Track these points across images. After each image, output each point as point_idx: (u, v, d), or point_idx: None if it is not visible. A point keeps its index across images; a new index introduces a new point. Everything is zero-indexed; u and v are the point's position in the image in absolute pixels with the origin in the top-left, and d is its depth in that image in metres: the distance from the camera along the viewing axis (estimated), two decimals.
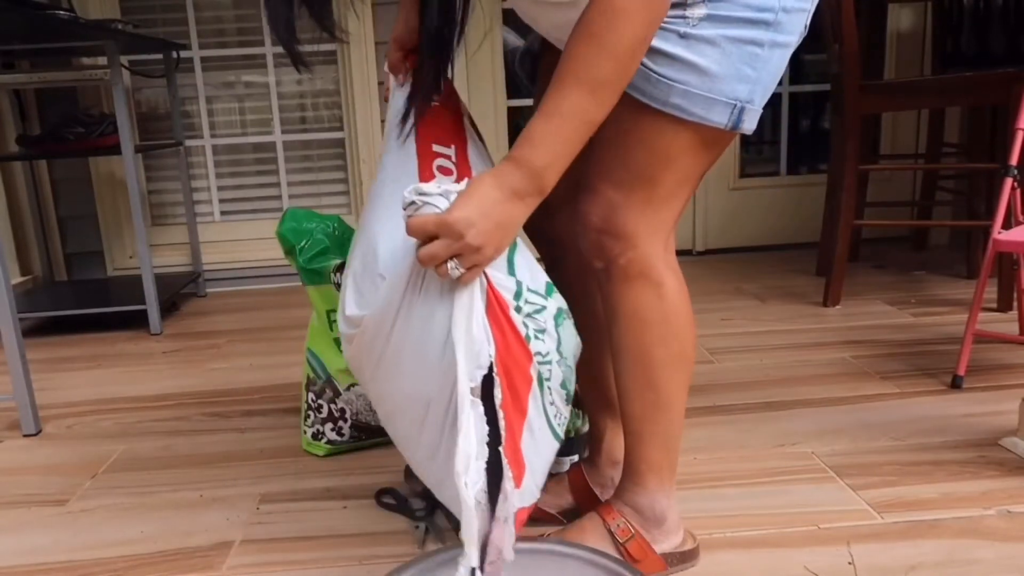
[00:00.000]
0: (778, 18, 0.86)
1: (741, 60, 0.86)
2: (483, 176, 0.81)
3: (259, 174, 2.99)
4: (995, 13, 2.54)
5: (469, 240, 0.76)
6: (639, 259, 0.94)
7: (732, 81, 0.86)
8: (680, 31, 0.85)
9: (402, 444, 0.95)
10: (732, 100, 0.87)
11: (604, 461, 1.18)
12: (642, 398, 0.99)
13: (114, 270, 2.89)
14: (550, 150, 0.80)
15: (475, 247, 0.77)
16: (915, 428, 1.45)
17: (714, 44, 0.85)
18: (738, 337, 2.02)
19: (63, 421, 1.70)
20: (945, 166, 2.67)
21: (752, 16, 0.85)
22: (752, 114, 0.89)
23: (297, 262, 1.41)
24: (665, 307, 0.96)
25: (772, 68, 0.88)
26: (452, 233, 0.76)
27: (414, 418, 0.88)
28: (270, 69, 2.89)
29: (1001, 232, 1.54)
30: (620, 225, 0.92)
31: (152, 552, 1.17)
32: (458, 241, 0.77)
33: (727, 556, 1.08)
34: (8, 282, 1.53)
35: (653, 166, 0.91)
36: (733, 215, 3.00)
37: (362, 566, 1.11)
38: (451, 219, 0.76)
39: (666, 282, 0.95)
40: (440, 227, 0.77)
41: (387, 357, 0.88)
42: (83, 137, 2.36)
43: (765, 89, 0.89)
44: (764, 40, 0.86)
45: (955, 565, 1.04)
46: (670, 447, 1.02)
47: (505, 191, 0.80)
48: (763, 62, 0.87)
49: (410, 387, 0.87)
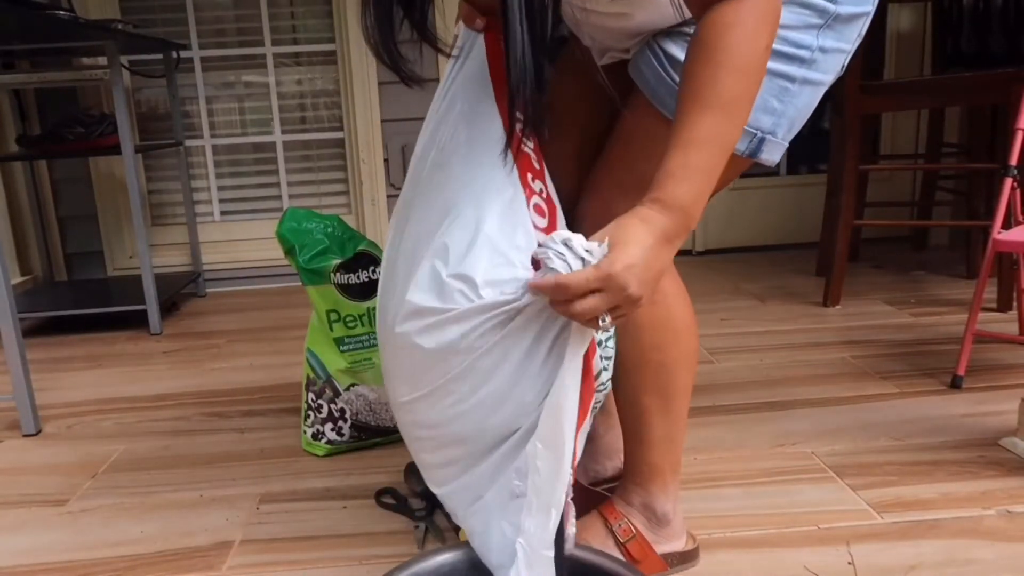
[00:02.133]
0: (814, 56, 0.86)
1: (769, 92, 0.86)
2: (631, 223, 0.74)
3: (259, 174, 2.99)
4: (995, 13, 2.54)
5: (631, 292, 0.72)
6: None
7: (757, 111, 0.85)
8: None
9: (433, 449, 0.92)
10: (754, 129, 0.87)
11: (602, 455, 1.18)
12: (642, 402, 0.99)
13: (114, 270, 2.89)
14: (694, 183, 0.75)
15: (635, 299, 0.73)
16: (915, 428, 1.45)
17: None
18: (738, 337, 2.02)
19: (63, 421, 1.70)
20: (945, 166, 2.67)
21: (788, 51, 0.85)
22: (773, 146, 0.88)
23: (297, 262, 1.41)
24: (662, 312, 0.95)
25: (800, 104, 0.88)
26: (616, 287, 0.71)
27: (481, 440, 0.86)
28: (270, 69, 2.89)
29: (1001, 232, 1.54)
30: None
31: (152, 552, 1.17)
32: (620, 295, 0.71)
33: (727, 556, 1.08)
34: (8, 282, 1.53)
35: None
36: (733, 215, 3.00)
37: (362, 566, 1.11)
38: (616, 272, 0.71)
39: (663, 287, 0.95)
40: (605, 282, 0.71)
41: (464, 379, 0.83)
42: (83, 137, 2.36)
43: (791, 123, 0.89)
44: (796, 76, 0.86)
45: (955, 565, 1.04)
46: (672, 450, 1.01)
47: (658, 236, 0.74)
48: (792, 96, 0.87)
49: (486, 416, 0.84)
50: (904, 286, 2.42)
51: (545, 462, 0.79)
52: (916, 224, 2.89)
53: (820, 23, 0.86)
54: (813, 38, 0.85)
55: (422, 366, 0.85)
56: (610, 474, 1.19)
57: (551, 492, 0.79)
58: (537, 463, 0.79)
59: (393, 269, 0.91)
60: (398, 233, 0.94)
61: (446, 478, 0.91)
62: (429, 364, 0.84)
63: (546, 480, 0.79)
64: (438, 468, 0.91)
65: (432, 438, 0.90)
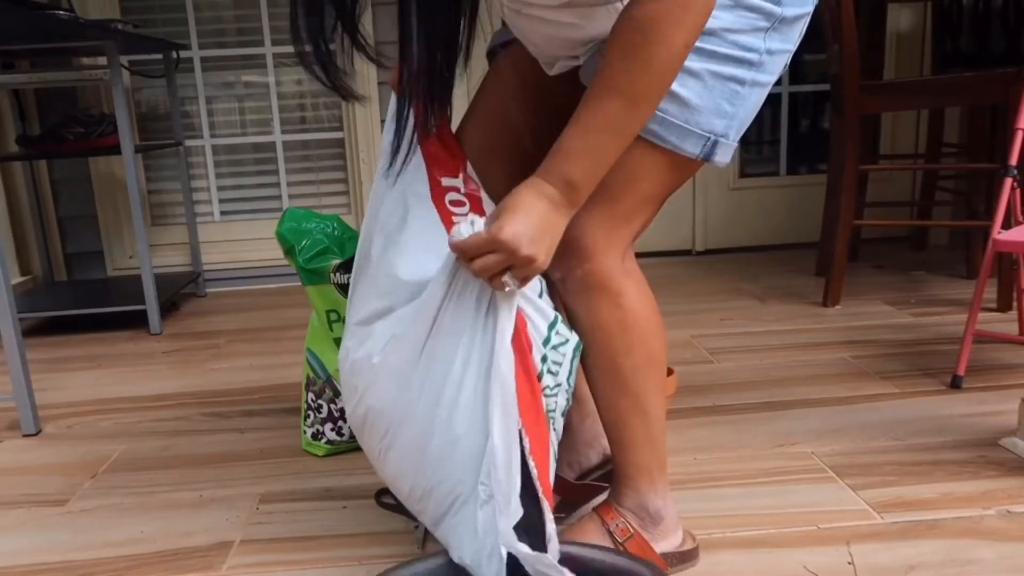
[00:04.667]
0: (762, 59, 0.88)
1: (722, 96, 0.87)
2: (521, 190, 0.81)
3: (259, 174, 2.99)
4: (995, 13, 2.54)
5: (522, 253, 0.77)
6: (596, 271, 0.93)
7: (710, 115, 0.88)
8: None
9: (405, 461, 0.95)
10: (707, 133, 0.88)
11: (581, 444, 1.19)
12: (618, 406, 0.99)
13: (114, 270, 2.89)
14: (587, 165, 0.81)
15: (528, 258, 0.78)
16: (915, 428, 1.45)
17: (698, 77, 0.86)
18: (738, 337, 2.02)
19: (63, 421, 1.70)
20: (945, 166, 2.67)
21: (738, 54, 0.87)
22: (725, 148, 0.90)
23: (297, 262, 1.41)
24: (625, 315, 0.95)
25: (749, 105, 0.90)
26: (506, 249, 0.77)
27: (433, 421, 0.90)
28: (270, 69, 2.89)
29: (1001, 232, 1.54)
30: (577, 238, 0.92)
31: (152, 552, 1.17)
32: (512, 255, 0.77)
33: (727, 556, 1.08)
34: (8, 282, 1.53)
35: (618, 184, 0.90)
36: (733, 215, 3.00)
37: (362, 566, 1.11)
38: (503, 236, 0.77)
39: (625, 291, 0.95)
40: (493, 244, 0.77)
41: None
42: (83, 137, 2.36)
43: (740, 125, 0.91)
44: (746, 79, 0.88)
45: (955, 565, 1.04)
46: (655, 448, 1.02)
47: (547, 205, 0.80)
48: (742, 99, 0.89)
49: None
50: (904, 286, 2.42)
51: (499, 455, 0.82)
52: (916, 224, 2.89)
53: (767, 26, 0.87)
54: (761, 41, 0.87)
55: (383, 383, 0.92)
56: (595, 462, 1.19)
57: (509, 485, 0.82)
58: (495, 459, 0.82)
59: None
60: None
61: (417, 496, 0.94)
62: (385, 379, 0.92)
63: (503, 471, 0.82)
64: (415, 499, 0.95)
65: (410, 475, 0.94)
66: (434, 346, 0.88)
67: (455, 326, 0.86)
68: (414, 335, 0.88)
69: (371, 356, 0.93)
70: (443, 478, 0.89)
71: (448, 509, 0.90)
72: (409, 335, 0.89)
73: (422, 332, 0.88)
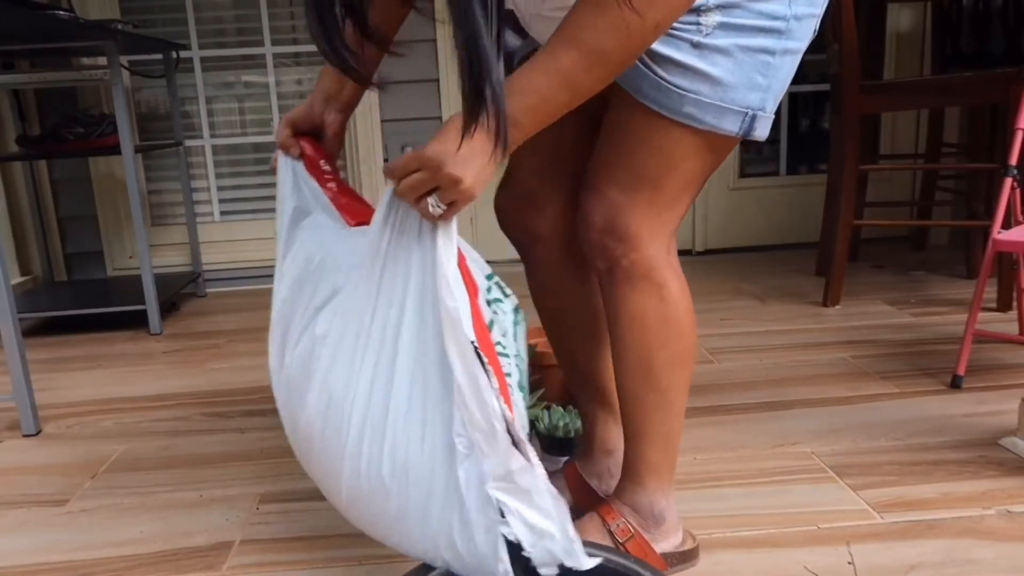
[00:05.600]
0: (789, 26, 0.86)
1: (753, 68, 0.86)
2: (458, 116, 0.76)
3: (259, 174, 2.99)
4: (994, 13, 2.54)
5: (448, 171, 0.74)
6: (642, 261, 0.94)
7: (744, 90, 0.86)
8: (693, 40, 0.85)
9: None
10: (744, 108, 0.87)
11: (598, 451, 1.18)
12: (644, 399, 0.99)
13: (114, 270, 2.89)
14: (531, 104, 0.76)
15: (455, 178, 0.74)
16: (915, 428, 1.45)
17: (727, 54, 0.85)
18: (738, 337, 2.02)
19: (63, 421, 1.70)
20: (945, 166, 2.67)
21: (765, 24, 0.85)
22: (764, 120, 0.89)
23: None
24: (667, 309, 0.96)
25: (783, 75, 0.89)
26: (432, 166, 0.74)
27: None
28: (270, 69, 2.89)
29: (1001, 232, 1.54)
30: (623, 227, 0.92)
31: (152, 552, 1.17)
32: (437, 173, 0.74)
33: (727, 556, 1.08)
34: (8, 282, 1.53)
35: (658, 169, 0.91)
36: (733, 215, 3.00)
37: (362, 566, 1.11)
38: (428, 152, 0.74)
39: (669, 284, 0.95)
40: (419, 160, 0.75)
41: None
42: (83, 137, 2.36)
43: (776, 96, 0.89)
44: (776, 48, 0.86)
45: (955, 565, 1.04)
46: (669, 448, 1.02)
47: (481, 128, 0.76)
48: (775, 70, 0.87)
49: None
50: (904, 286, 2.42)
51: (466, 392, 0.77)
52: (916, 224, 2.89)
53: None
54: (786, 7, 0.85)
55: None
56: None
57: (487, 419, 0.77)
58: (464, 398, 0.77)
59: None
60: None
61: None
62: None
63: (475, 408, 0.77)
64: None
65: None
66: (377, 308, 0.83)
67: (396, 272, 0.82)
68: (362, 299, 0.84)
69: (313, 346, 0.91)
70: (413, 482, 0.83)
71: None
72: (355, 303, 0.85)
73: (370, 292, 0.83)
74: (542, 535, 0.78)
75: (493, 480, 0.77)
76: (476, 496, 0.78)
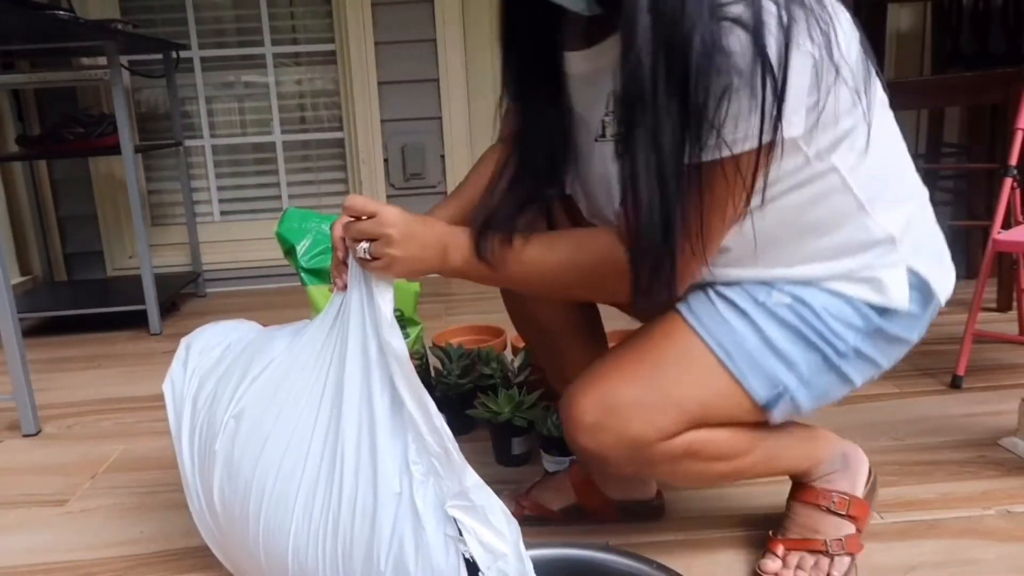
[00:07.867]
0: (847, 351, 0.89)
1: (800, 354, 0.88)
2: (441, 222, 0.89)
3: (259, 174, 2.99)
4: (994, 13, 2.54)
5: (389, 231, 0.83)
6: (653, 455, 0.89)
7: (784, 365, 0.87)
8: (758, 298, 0.87)
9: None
10: (776, 382, 0.87)
11: (635, 479, 1.18)
12: (726, 477, 0.98)
13: (114, 270, 2.89)
14: (480, 270, 0.87)
15: (390, 238, 0.83)
16: (915, 428, 1.45)
17: (783, 324, 0.87)
18: None
19: (63, 421, 1.70)
20: (945, 166, 2.67)
21: (825, 333, 0.88)
22: (787, 406, 0.89)
23: (297, 262, 1.41)
24: (708, 467, 0.93)
25: (822, 383, 0.89)
26: (384, 222, 0.83)
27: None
28: (270, 69, 2.89)
29: (1001, 232, 1.54)
30: (630, 428, 0.88)
31: (152, 552, 1.17)
32: (381, 228, 0.83)
33: (727, 556, 1.08)
34: (8, 282, 1.53)
35: (673, 380, 0.89)
36: None
37: None
38: (387, 212, 0.84)
39: (690, 446, 0.90)
40: (375, 210, 0.84)
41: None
42: (83, 137, 2.36)
43: (808, 390, 0.89)
44: (832, 360, 0.89)
45: (955, 565, 1.04)
46: (780, 455, 1.01)
47: (449, 238, 0.87)
48: (816, 373, 0.89)
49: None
50: None
51: (420, 422, 0.81)
52: None
53: (862, 326, 0.88)
54: (851, 337, 0.88)
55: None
56: (647, 497, 1.18)
57: (442, 445, 0.81)
58: (420, 428, 0.81)
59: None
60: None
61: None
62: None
63: (429, 434, 0.81)
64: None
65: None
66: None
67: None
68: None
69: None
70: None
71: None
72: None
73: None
74: (497, 556, 0.79)
75: (450, 499, 0.80)
76: (434, 518, 0.80)
